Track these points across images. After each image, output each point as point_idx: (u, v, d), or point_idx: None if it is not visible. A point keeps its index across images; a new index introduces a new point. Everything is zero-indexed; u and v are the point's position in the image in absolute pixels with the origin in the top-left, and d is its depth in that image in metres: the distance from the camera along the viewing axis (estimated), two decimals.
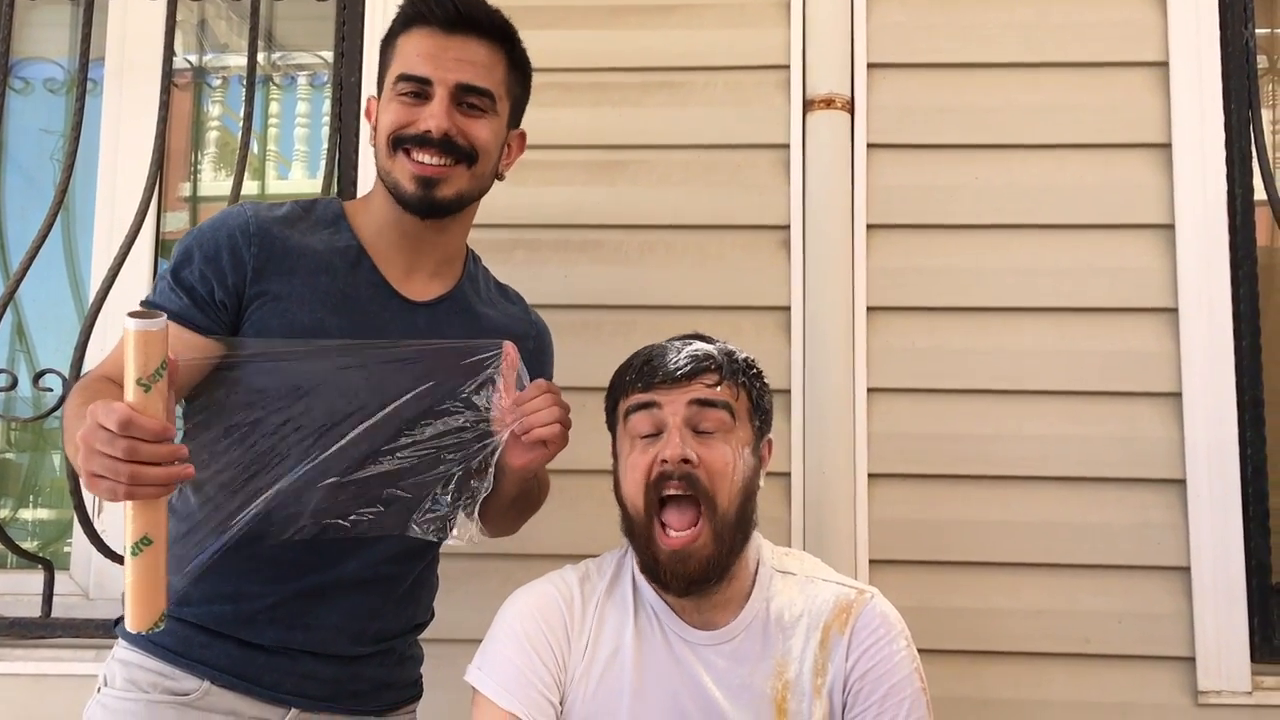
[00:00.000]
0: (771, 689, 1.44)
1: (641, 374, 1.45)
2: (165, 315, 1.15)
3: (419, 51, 1.49)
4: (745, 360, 1.49)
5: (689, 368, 1.42)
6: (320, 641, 1.46)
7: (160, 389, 1.14)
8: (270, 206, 1.51)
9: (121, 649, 1.45)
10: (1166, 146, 2.04)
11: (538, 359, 1.65)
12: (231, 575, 1.41)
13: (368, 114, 1.58)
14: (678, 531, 1.38)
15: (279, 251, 1.46)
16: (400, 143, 1.48)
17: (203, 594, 1.41)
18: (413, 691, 1.62)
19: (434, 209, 1.49)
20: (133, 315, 1.14)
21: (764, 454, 1.51)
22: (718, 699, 1.43)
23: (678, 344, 1.47)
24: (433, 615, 1.68)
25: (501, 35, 1.53)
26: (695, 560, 1.38)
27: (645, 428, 1.43)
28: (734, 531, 1.40)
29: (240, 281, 1.43)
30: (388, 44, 1.54)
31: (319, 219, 1.54)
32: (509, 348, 1.47)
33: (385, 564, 1.51)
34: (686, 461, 1.38)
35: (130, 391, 1.13)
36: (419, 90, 1.48)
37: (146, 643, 1.41)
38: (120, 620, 1.43)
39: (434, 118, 1.46)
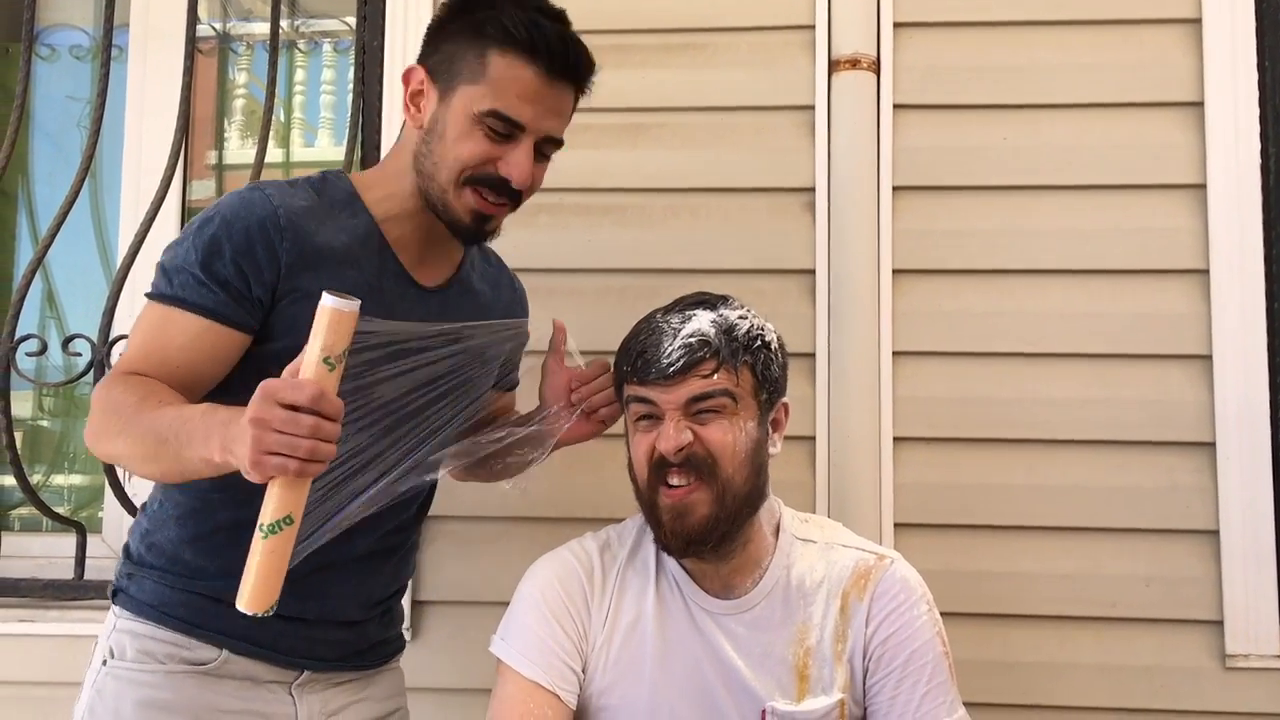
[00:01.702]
0: (793, 656, 1.44)
1: (636, 367, 1.43)
2: (359, 301, 1.15)
3: (520, 93, 1.40)
4: (747, 333, 1.43)
5: (681, 362, 1.39)
6: (332, 610, 1.49)
7: (340, 370, 1.16)
8: (288, 191, 1.43)
9: (127, 620, 1.43)
10: (1199, 105, 2.00)
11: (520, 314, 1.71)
12: (247, 549, 1.41)
13: (410, 85, 1.46)
14: (677, 485, 1.39)
15: (309, 247, 1.39)
16: (475, 181, 1.42)
17: (218, 567, 1.40)
18: (399, 644, 1.66)
19: (480, 240, 1.51)
20: (329, 293, 1.14)
21: (779, 418, 1.49)
22: (739, 666, 1.44)
23: (675, 322, 1.43)
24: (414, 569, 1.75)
25: (586, 81, 1.49)
26: (694, 517, 1.38)
27: (643, 413, 1.43)
28: (740, 501, 1.40)
29: (275, 278, 1.37)
30: (473, 45, 1.41)
31: (334, 201, 1.46)
32: (559, 326, 1.59)
33: (391, 535, 1.55)
34: (683, 449, 1.38)
35: (313, 368, 1.14)
36: (509, 132, 1.41)
37: (159, 614, 1.41)
38: (118, 591, 1.46)
39: (519, 169, 1.42)
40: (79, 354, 2.03)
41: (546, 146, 1.46)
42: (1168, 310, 1.98)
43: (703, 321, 1.42)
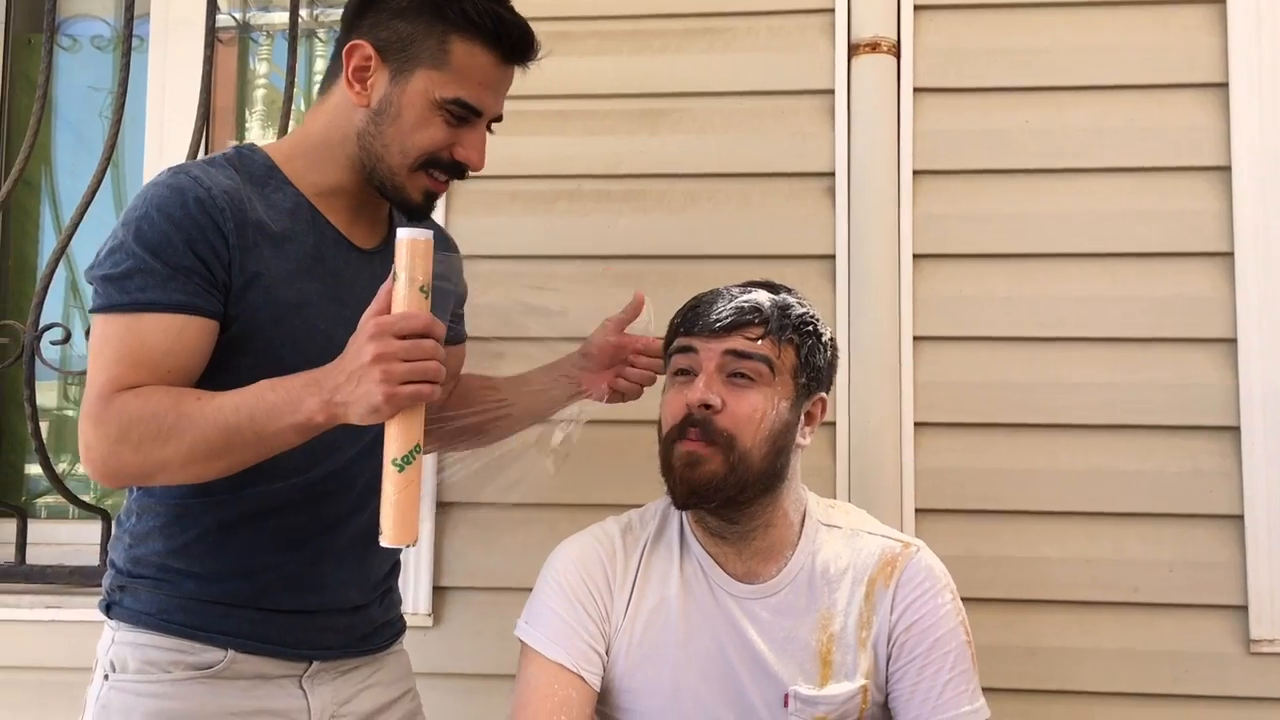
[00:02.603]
0: (816, 641, 1.44)
1: (686, 319, 1.46)
2: (431, 231, 1.21)
3: (481, 80, 1.42)
4: (800, 317, 1.45)
5: (730, 320, 1.42)
6: (333, 598, 1.48)
7: (430, 299, 1.21)
8: (209, 170, 1.37)
9: (126, 631, 1.40)
10: (1223, 86, 1.98)
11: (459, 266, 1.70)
12: (240, 551, 1.41)
13: (354, 60, 1.41)
14: (693, 440, 1.39)
15: (247, 224, 1.35)
16: (430, 164, 1.43)
17: (213, 572, 1.40)
18: (401, 626, 1.65)
19: (426, 216, 1.49)
20: (402, 227, 1.21)
21: (813, 411, 1.49)
22: (763, 650, 1.44)
23: (735, 291, 1.46)
24: None
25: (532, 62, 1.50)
26: (703, 470, 1.38)
27: (683, 365, 1.44)
28: (754, 473, 1.40)
29: (228, 260, 1.33)
30: (432, 29, 1.40)
31: (254, 176, 1.41)
32: (640, 296, 1.68)
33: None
34: (708, 407, 1.38)
35: (410, 298, 1.19)
36: (465, 116, 1.42)
37: (160, 621, 1.38)
38: (112, 605, 1.42)
39: (477, 152, 1.44)
40: None
41: (493, 124, 1.48)
42: (1191, 293, 1.96)
43: (761, 296, 1.45)
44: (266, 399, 1.24)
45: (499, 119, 1.48)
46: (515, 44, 1.43)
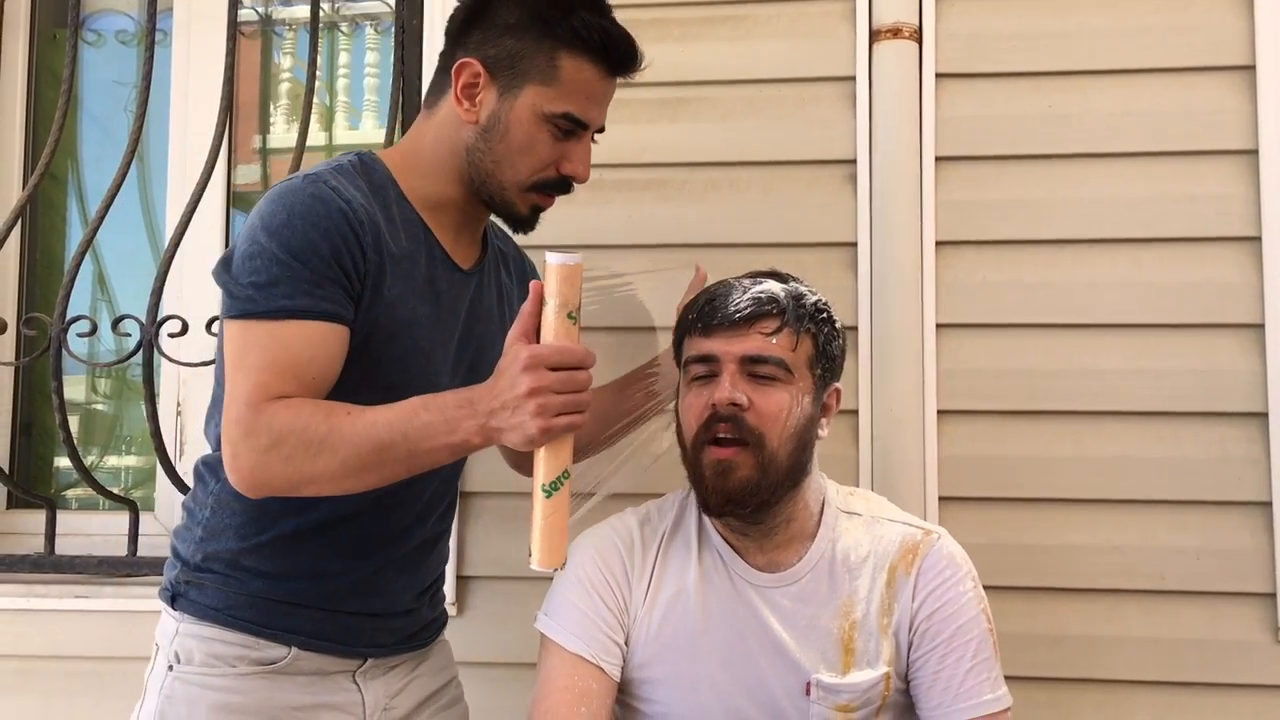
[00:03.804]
0: (838, 629, 1.44)
1: (702, 314, 1.45)
2: (580, 255, 1.25)
3: (589, 94, 1.45)
4: (814, 305, 1.46)
5: (749, 311, 1.42)
6: (392, 603, 1.52)
7: (580, 322, 1.25)
8: (344, 182, 1.38)
9: (191, 624, 1.42)
10: (1250, 69, 1.95)
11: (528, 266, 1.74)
12: (311, 556, 1.44)
13: (463, 79, 1.43)
14: (724, 443, 1.39)
15: (380, 242, 1.38)
16: (544, 184, 1.47)
17: (283, 573, 1.43)
18: (444, 619, 1.69)
19: (531, 229, 1.53)
20: (552, 252, 1.24)
21: (829, 403, 1.50)
22: (784, 639, 1.44)
23: (746, 283, 1.46)
24: None
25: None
26: (736, 477, 1.39)
27: (701, 372, 1.44)
28: (782, 473, 1.40)
29: (363, 274, 1.36)
30: (541, 46, 1.42)
31: (376, 188, 1.43)
32: (702, 271, 1.76)
33: (437, 522, 1.59)
34: (735, 405, 1.39)
35: (558, 326, 1.23)
36: (572, 130, 1.45)
37: (227, 617, 1.41)
38: (178, 597, 1.45)
39: (584, 166, 1.48)
40: (128, 334, 2.05)
41: (596, 135, 1.51)
42: (1218, 279, 1.94)
43: (774, 286, 1.45)
44: (420, 418, 1.26)
45: (602, 130, 1.52)
46: (622, 57, 1.46)
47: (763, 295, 1.43)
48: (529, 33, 1.42)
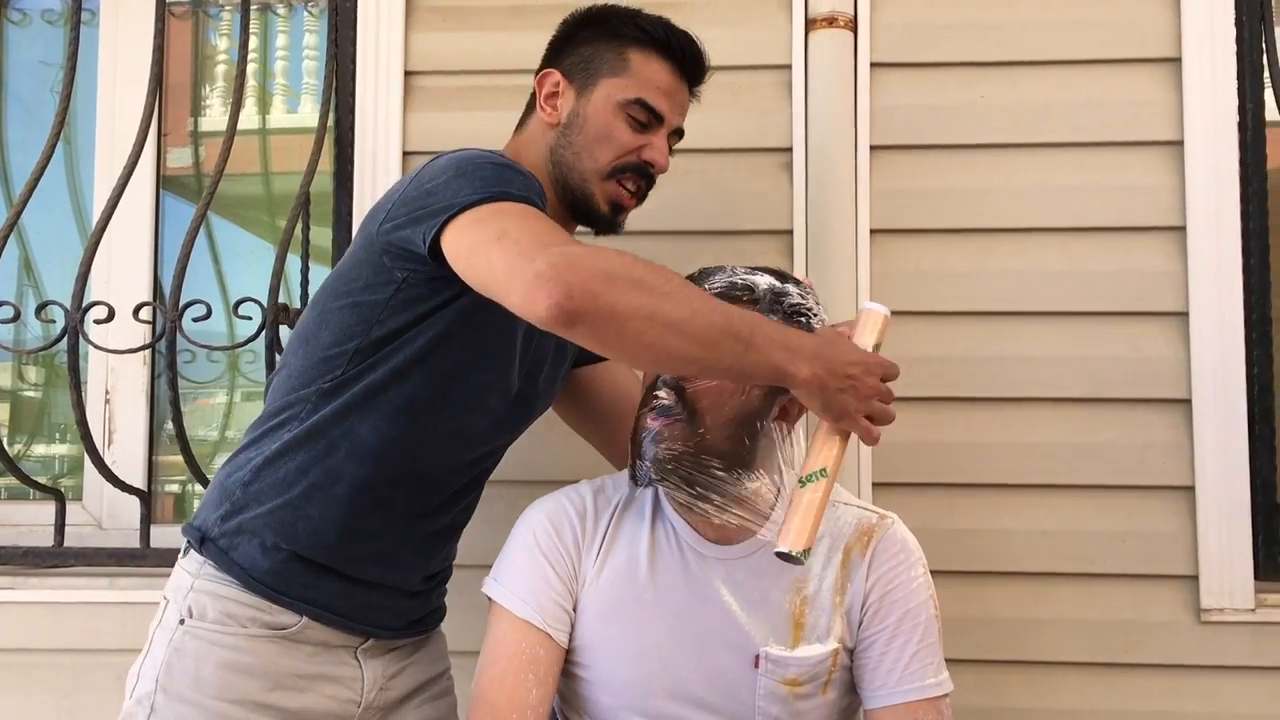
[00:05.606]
0: (789, 603, 1.45)
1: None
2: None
3: (661, 86, 1.57)
4: (795, 306, 1.39)
5: (718, 292, 1.37)
6: (402, 580, 1.54)
7: None
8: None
9: (209, 581, 1.44)
10: (1176, 61, 1.99)
11: None
12: (349, 511, 1.45)
13: (545, 88, 1.59)
14: (657, 415, 1.40)
15: None
16: (620, 170, 1.55)
17: (316, 527, 1.44)
18: (443, 611, 1.71)
19: (613, 231, 1.61)
20: (871, 301, 1.44)
21: (789, 408, 1.41)
22: (734, 611, 1.45)
23: (741, 270, 1.42)
24: None
25: (702, 82, 1.66)
26: (662, 445, 1.38)
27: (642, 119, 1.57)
28: (713, 455, 1.38)
29: None
30: (611, 45, 1.58)
31: None
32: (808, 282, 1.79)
33: (463, 511, 1.61)
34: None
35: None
36: (649, 122, 1.56)
37: (247, 578, 1.42)
38: (206, 540, 1.45)
39: (661, 154, 1.58)
40: (53, 320, 2.01)
41: (673, 139, 1.62)
42: (1145, 267, 1.98)
43: (761, 279, 1.41)
44: (766, 329, 1.28)
45: (680, 133, 1.63)
46: (685, 50, 1.59)
47: (740, 282, 1.40)
48: (600, 38, 1.58)
